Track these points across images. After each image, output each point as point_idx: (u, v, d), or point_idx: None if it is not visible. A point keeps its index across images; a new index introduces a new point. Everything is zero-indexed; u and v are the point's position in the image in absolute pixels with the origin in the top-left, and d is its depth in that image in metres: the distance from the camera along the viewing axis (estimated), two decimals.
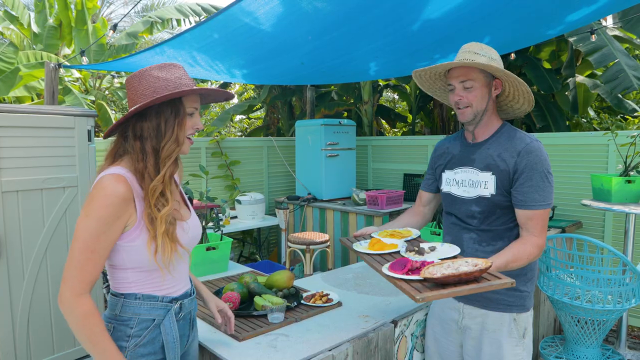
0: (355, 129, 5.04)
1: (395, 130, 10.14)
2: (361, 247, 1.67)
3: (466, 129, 1.64)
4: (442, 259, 1.40)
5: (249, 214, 4.48)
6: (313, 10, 2.19)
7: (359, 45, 2.68)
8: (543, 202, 1.47)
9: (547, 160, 1.49)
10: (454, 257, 1.44)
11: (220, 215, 2.61)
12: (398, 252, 1.57)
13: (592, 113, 6.54)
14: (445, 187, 1.71)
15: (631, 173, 2.99)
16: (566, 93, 5.28)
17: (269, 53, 2.81)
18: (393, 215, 4.13)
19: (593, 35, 3.45)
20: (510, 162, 1.50)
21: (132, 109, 1.16)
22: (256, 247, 5.12)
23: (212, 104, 8.69)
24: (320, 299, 1.91)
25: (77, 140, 2.75)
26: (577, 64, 5.79)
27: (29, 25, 8.20)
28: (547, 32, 2.72)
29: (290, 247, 3.75)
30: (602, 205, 2.93)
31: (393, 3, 2.06)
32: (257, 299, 1.86)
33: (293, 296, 1.98)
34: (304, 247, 3.62)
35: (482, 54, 1.51)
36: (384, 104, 10.57)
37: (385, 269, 1.38)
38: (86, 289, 1.11)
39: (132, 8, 3.17)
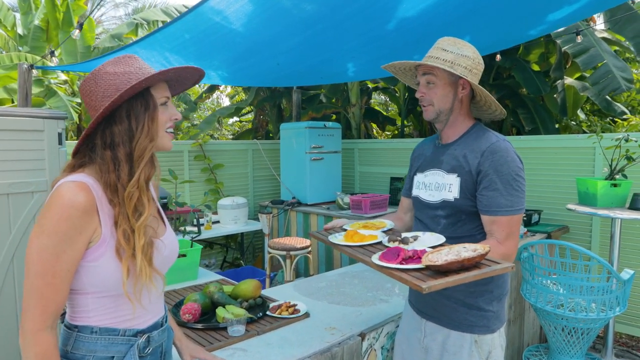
0: (340, 132, 4.96)
1: (388, 133, 10.07)
2: (337, 239, 1.54)
3: (436, 127, 1.55)
4: (433, 247, 1.30)
5: (231, 218, 4.38)
6: (283, 9, 2.11)
7: (334, 45, 2.59)
8: (510, 207, 1.35)
9: (516, 162, 1.37)
10: (442, 244, 1.35)
11: (191, 220, 2.51)
12: (380, 242, 1.46)
13: (582, 116, 6.49)
14: (414, 191, 1.62)
15: (617, 176, 2.91)
16: (555, 95, 5.23)
17: (243, 53, 2.72)
18: None
19: (579, 37, 3.38)
20: (473, 163, 1.40)
21: (99, 113, 1.00)
22: (240, 252, 5.02)
23: (199, 105, 8.58)
24: (287, 310, 1.82)
25: (47, 144, 2.65)
26: (567, 66, 5.74)
27: (14, 26, 8.09)
28: (529, 32, 2.65)
29: (270, 253, 3.65)
30: (587, 209, 2.86)
31: (364, 0, 1.97)
32: (219, 310, 1.76)
33: (259, 307, 1.89)
34: (284, 253, 3.52)
35: (451, 50, 1.41)
36: (376, 106, 10.50)
37: (375, 259, 1.27)
38: (48, 321, 0.95)
39: (96, 4, 3.08)
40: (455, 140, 1.49)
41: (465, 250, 1.16)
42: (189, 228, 4.03)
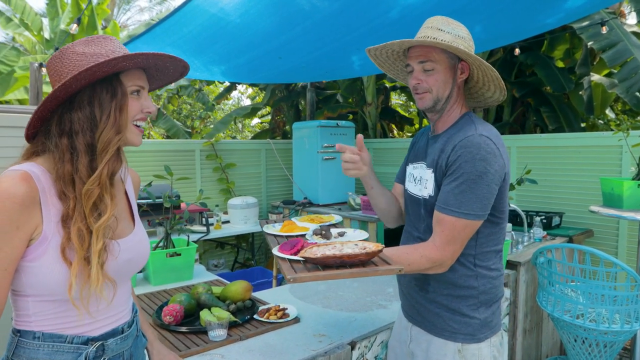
0: (354, 131, 4.83)
1: (409, 134, 9.86)
2: (273, 229, 1.54)
3: (429, 119, 1.41)
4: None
5: (240, 218, 4.31)
6: None
7: (335, 36, 2.47)
8: (457, 208, 1.19)
9: (485, 162, 1.18)
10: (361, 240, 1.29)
11: (186, 217, 2.44)
12: (304, 235, 1.43)
13: (612, 115, 6.16)
14: (407, 183, 1.50)
15: None
16: (580, 93, 4.96)
17: (243, 47, 2.64)
18: None
19: (604, 27, 3.16)
20: (445, 157, 1.27)
21: (49, 94, 0.90)
22: (251, 253, 4.95)
23: (215, 105, 8.58)
24: (275, 314, 1.71)
25: None
26: (594, 63, 5.46)
27: (40, 31, 8.31)
28: (546, 20, 2.46)
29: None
30: (612, 212, 2.65)
31: None
32: (202, 312, 1.67)
33: (248, 310, 1.79)
34: None
35: (447, 30, 1.27)
36: (398, 107, 10.31)
37: (275, 249, 1.26)
38: None
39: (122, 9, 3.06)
40: (443, 132, 1.35)
41: (353, 248, 1.12)
42: (197, 227, 4.00)
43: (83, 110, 0.93)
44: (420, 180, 1.38)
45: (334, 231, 1.37)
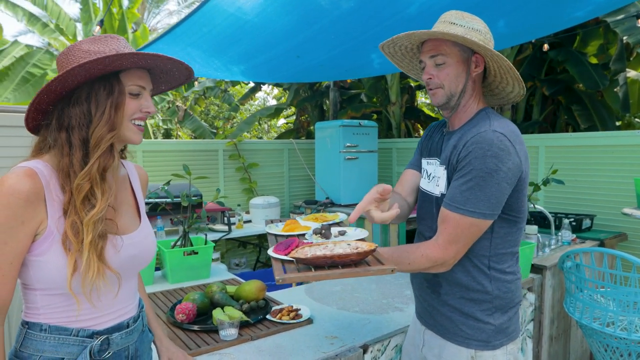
0: (376, 131, 4.78)
1: None
2: (275, 229, 1.51)
3: (443, 115, 1.36)
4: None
5: (262, 217, 4.33)
6: None
7: (353, 33, 2.44)
8: (462, 206, 1.15)
9: (496, 159, 1.12)
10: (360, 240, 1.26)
11: (204, 218, 2.46)
12: (305, 234, 1.40)
13: None
14: (421, 179, 1.45)
15: None
16: (615, 90, 4.75)
17: (261, 46, 2.63)
18: (410, 222, 3.83)
19: (639, 20, 3.00)
20: (456, 154, 1.22)
21: (43, 87, 0.92)
22: None
23: (239, 105, 8.66)
24: (288, 315, 1.70)
25: None
26: (631, 58, 5.21)
27: (74, 35, 8.60)
28: (575, 13, 2.35)
29: None
30: None
31: None
32: (215, 311, 1.67)
33: (261, 309, 1.78)
34: None
35: (460, 24, 1.22)
36: (424, 107, 10.16)
37: (270, 249, 1.25)
38: None
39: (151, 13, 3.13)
40: (458, 129, 1.29)
41: (345, 248, 1.10)
42: (219, 226, 4.04)
43: (80, 106, 0.96)
44: (434, 178, 1.33)
45: (334, 230, 1.34)
